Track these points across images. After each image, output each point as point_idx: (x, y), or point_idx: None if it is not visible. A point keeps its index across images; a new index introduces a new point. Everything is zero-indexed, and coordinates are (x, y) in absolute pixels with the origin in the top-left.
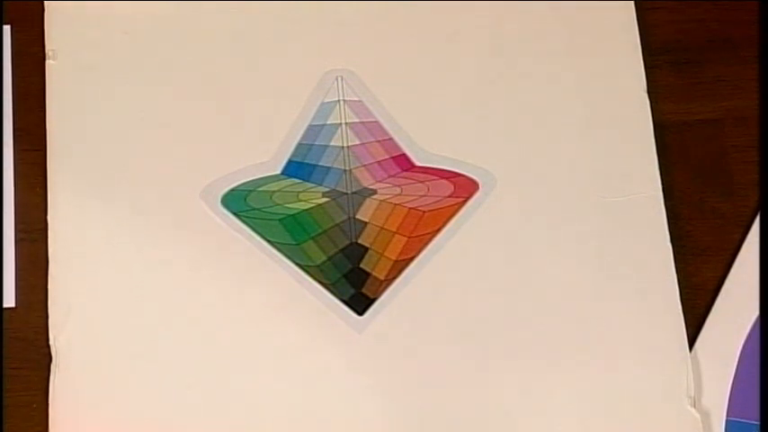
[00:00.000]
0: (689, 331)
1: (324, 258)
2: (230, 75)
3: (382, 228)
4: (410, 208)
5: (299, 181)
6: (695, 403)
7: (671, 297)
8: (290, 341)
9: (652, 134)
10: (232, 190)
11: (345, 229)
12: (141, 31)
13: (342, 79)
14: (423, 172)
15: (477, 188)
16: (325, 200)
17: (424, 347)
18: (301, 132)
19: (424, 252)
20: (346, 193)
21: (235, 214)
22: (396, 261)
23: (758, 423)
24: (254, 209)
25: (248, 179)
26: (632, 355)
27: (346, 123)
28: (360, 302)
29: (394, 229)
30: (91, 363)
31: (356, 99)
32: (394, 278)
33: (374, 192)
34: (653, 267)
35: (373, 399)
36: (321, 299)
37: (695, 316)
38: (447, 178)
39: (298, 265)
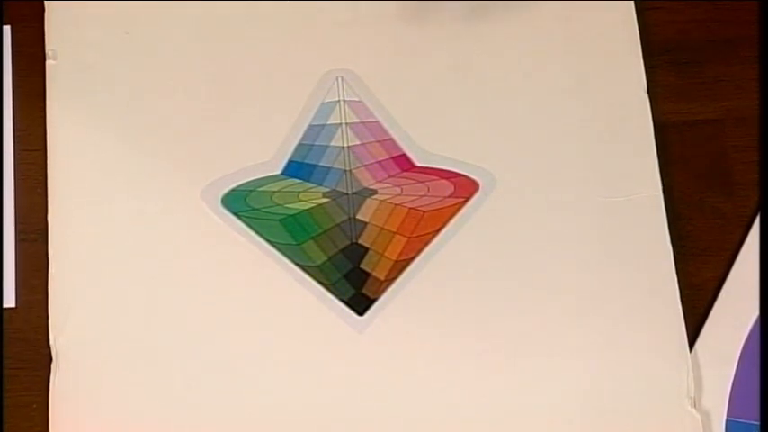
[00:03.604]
0: (689, 331)
1: (324, 259)
2: (230, 75)
3: (382, 228)
4: (410, 208)
5: (300, 181)
6: (695, 403)
7: (671, 297)
8: (290, 341)
9: (652, 134)
10: (232, 190)
11: (346, 230)
12: (141, 31)
13: (342, 79)
14: (423, 172)
15: (478, 188)
16: (325, 200)
17: (424, 347)
18: (302, 132)
19: (424, 252)
20: (346, 194)
21: (235, 214)
22: (396, 261)
23: (758, 423)
24: (254, 209)
25: (248, 179)
26: (632, 355)
27: (346, 123)
28: (360, 303)
29: (394, 230)
30: (91, 363)
31: (356, 99)
32: (394, 278)
33: (374, 192)
34: (653, 267)
35: (373, 399)
36: (321, 299)
37: (695, 316)
38: (447, 178)
39: (298, 265)
